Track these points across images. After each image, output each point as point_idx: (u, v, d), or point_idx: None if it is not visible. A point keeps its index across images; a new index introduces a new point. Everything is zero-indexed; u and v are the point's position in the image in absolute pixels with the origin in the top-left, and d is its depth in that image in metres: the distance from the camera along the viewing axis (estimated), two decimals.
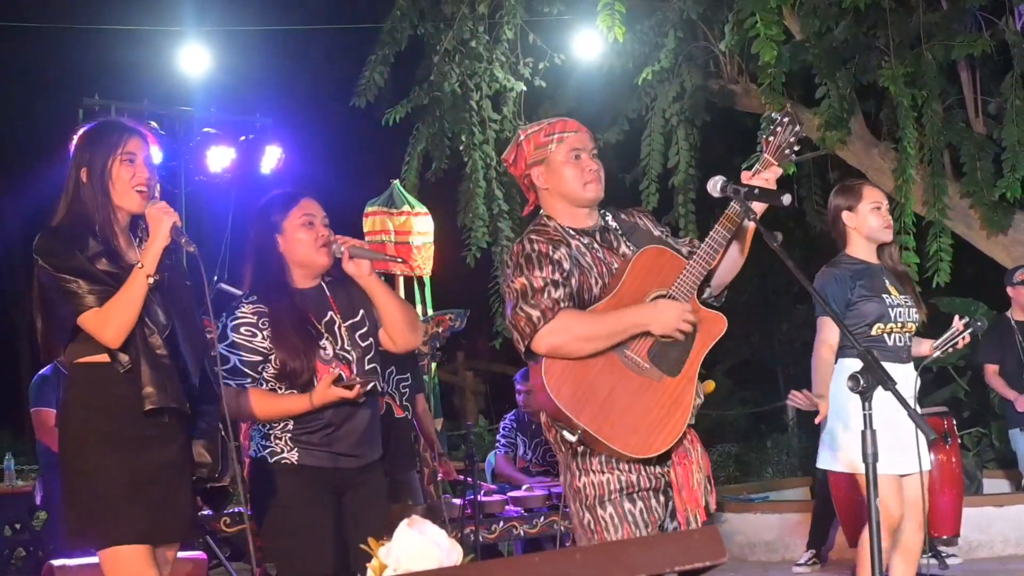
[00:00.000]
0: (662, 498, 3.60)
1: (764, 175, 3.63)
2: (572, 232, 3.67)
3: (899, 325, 4.95)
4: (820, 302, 3.56)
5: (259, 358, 4.03)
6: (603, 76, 9.75)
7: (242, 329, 4.05)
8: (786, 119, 3.70)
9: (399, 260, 5.30)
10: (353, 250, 4.08)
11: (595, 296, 3.58)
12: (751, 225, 3.67)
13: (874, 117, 9.97)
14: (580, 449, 3.54)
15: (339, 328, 4.13)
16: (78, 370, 3.62)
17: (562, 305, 3.50)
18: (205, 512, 6.05)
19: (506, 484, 7.81)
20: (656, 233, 3.82)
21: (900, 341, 4.96)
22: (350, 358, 4.11)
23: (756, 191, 3.53)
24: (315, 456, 4.06)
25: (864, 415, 3.09)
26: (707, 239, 3.61)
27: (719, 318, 3.66)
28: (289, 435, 4.05)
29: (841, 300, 4.93)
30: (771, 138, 3.70)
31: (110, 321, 3.50)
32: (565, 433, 3.49)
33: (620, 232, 3.77)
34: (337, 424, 4.07)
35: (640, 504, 3.54)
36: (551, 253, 3.57)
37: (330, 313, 4.14)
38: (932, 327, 5.40)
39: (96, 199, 3.64)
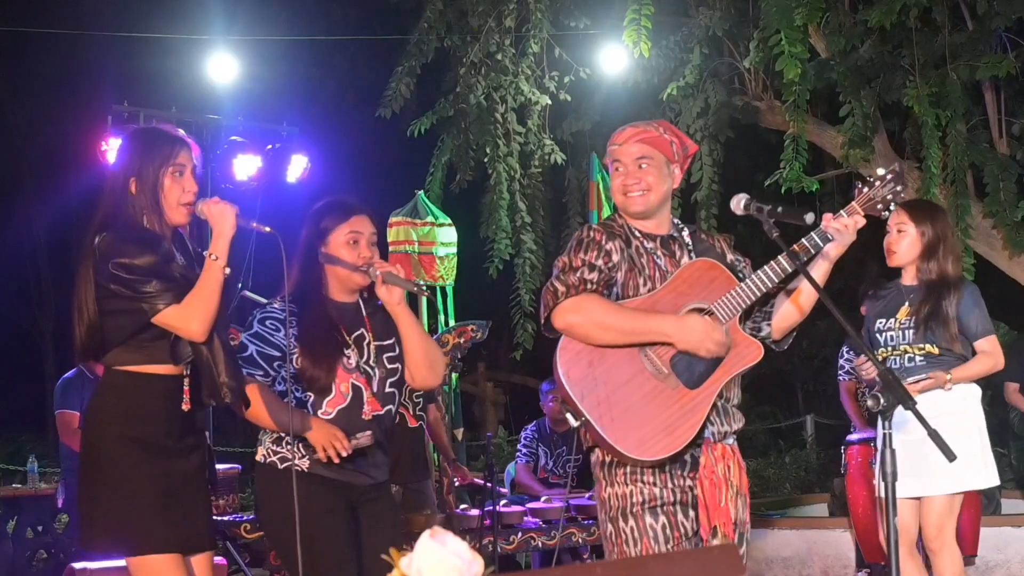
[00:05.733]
0: (691, 512, 3.56)
1: (845, 220, 3.60)
2: (638, 233, 3.67)
3: (889, 349, 4.97)
4: (842, 322, 3.55)
5: (277, 353, 4.01)
6: (628, 91, 9.78)
7: (267, 322, 4.07)
8: (890, 176, 3.66)
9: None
10: (388, 276, 4.03)
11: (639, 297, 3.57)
12: (826, 264, 3.66)
13: (898, 136, 9.98)
14: (608, 459, 3.55)
15: (368, 344, 4.12)
16: (118, 377, 3.58)
17: (589, 287, 3.51)
18: (224, 518, 6.11)
19: (525, 495, 7.83)
20: (729, 258, 3.77)
21: (897, 364, 4.93)
22: (372, 374, 4.11)
23: (780, 209, 3.52)
24: (327, 467, 4.00)
25: (883, 434, 3.11)
26: (766, 266, 3.56)
27: (754, 345, 3.60)
28: (302, 442, 3.98)
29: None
30: (867, 189, 3.67)
31: (195, 315, 3.48)
32: (569, 416, 3.50)
33: (689, 247, 3.72)
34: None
35: (663, 519, 3.51)
36: (603, 242, 3.58)
37: (362, 329, 4.14)
38: None
39: (145, 212, 3.60)
